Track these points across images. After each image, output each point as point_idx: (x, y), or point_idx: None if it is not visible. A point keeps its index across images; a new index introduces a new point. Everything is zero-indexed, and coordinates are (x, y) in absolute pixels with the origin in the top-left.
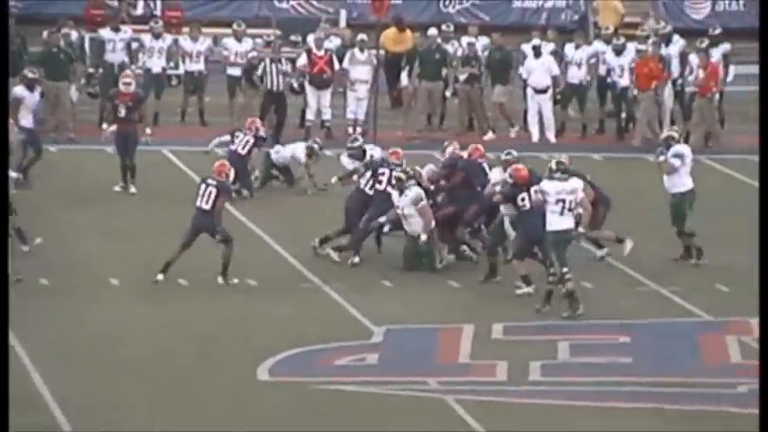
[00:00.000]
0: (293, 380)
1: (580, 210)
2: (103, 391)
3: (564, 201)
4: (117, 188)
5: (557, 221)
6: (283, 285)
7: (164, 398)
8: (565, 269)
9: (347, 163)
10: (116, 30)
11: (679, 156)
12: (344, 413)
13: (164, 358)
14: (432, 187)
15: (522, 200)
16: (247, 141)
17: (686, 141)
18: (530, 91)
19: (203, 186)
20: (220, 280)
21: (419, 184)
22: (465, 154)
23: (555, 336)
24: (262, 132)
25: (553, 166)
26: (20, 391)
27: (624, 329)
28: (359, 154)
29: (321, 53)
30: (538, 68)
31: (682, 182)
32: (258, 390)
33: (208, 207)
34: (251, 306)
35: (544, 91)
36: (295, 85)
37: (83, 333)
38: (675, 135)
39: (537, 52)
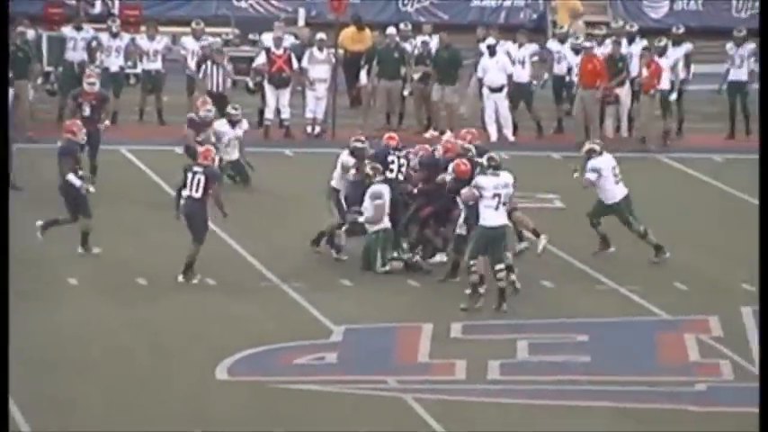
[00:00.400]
0: (252, 379)
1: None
2: (62, 391)
3: (499, 195)
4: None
5: (492, 217)
6: (242, 284)
7: (122, 397)
8: (498, 266)
9: (347, 161)
10: (78, 28)
11: (596, 170)
12: (303, 412)
13: (122, 358)
14: (414, 190)
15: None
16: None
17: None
18: (486, 90)
19: (190, 175)
20: (181, 278)
21: (387, 181)
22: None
23: (514, 335)
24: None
25: (485, 162)
26: None
27: (583, 328)
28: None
29: (280, 52)
30: (492, 67)
31: (612, 194)
32: (217, 389)
33: (198, 195)
34: (210, 305)
35: (499, 89)
36: (250, 84)
37: (41, 333)
38: (597, 148)
39: (492, 51)
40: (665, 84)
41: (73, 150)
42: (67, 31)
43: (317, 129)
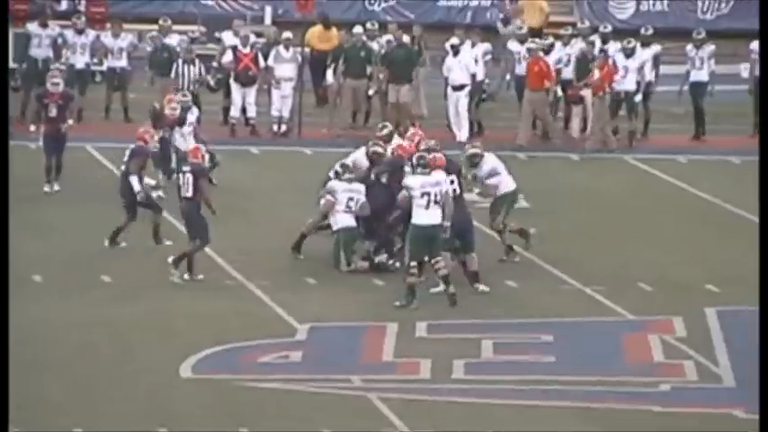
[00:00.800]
0: (217, 377)
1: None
2: (25, 390)
3: (429, 194)
4: (47, 189)
5: (422, 215)
6: (208, 282)
7: (87, 396)
8: (435, 259)
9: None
10: (44, 25)
11: (493, 174)
12: (268, 411)
13: (86, 356)
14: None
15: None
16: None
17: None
18: (449, 89)
19: (181, 176)
20: (186, 276)
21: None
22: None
23: (479, 334)
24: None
25: (414, 161)
26: None
27: (547, 328)
28: (387, 140)
29: (247, 50)
30: (455, 66)
31: (505, 185)
32: (181, 387)
33: (190, 195)
34: (175, 303)
35: (460, 88)
36: (211, 82)
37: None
38: (479, 151)
39: (455, 51)
40: (630, 85)
41: (143, 154)
42: (33, 27)
43: (283, 127)
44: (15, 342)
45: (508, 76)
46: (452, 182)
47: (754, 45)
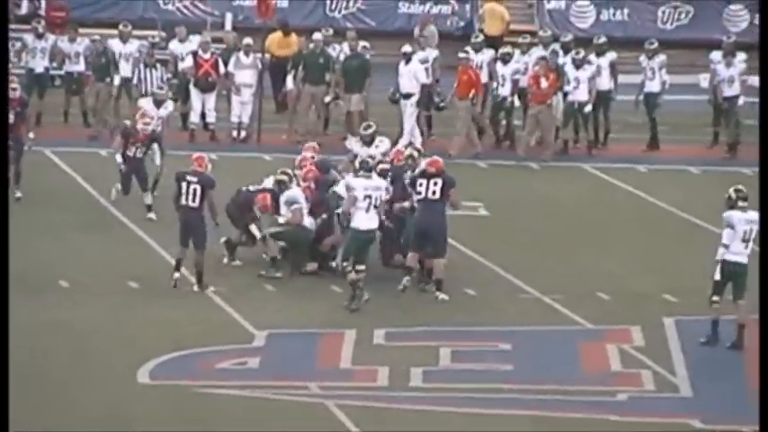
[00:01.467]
0: (174, 383)
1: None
2: None
3: (370, 197)
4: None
5: (362, 219)
6: (165, 288)
7: (41, 400)
8: (359, 267)
9: (356, 147)
10: None
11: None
12: (225, 417)
13: (41, 360)
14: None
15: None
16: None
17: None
18: (402, 97)
19: (184, 185)
20: (196, 288)
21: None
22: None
23: (436, 342)
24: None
25: (357, 164)
26: None
27: (505, 337)
28: (368, 140)
29: (207, 56)
30: (405, 74)
31: None
32: (138, 393)
33: (195, 204)
34: (132, 308)
35: (407, 96)
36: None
37: None
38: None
39: (407, 59)
40: (582, 95)
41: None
42: None
43: (243, 133)
44: None
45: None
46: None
47: (714, 55)
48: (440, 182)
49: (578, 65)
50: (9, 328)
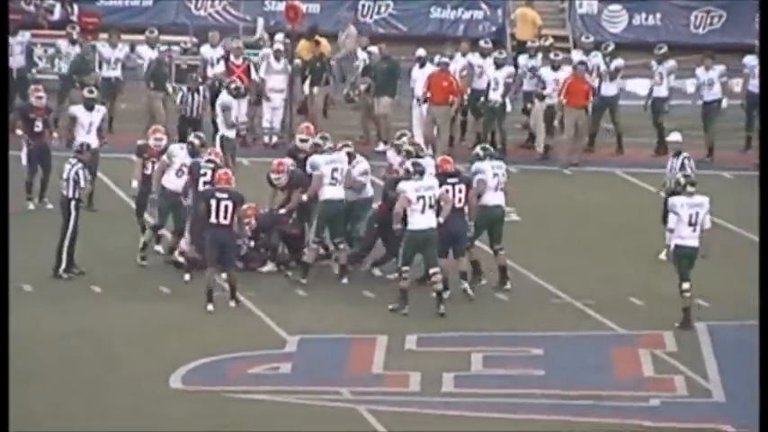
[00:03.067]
0: (206, 388)
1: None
2: (13, 400)
3: (423, 198)
4: (32, 206)
5: (417, 220)
6: (197, 293)
7: (72, 407)
8: (432, 270)
9: (393, 158)
10: (13, 34)
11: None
12: (257, 422)
13: (72, 367)
14: None
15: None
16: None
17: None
18: (414, 101)
19: (214, 202)
20: (232, 304)
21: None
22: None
23: (468, 347)
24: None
25: (410, 167)
26: None
27: (537, 342)
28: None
29: (239, 62)
30: (420, 79)
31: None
32: (170, 398)
33: (227, 222)
34: (164, 314)
35: (425, 101)
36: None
37: None
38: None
39: (422, 63)
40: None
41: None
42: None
43: (274, 138)
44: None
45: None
46: (462, 191)
47: (748, 59)
48: (464, 188)
49: (556, 67)
50: (8, 327)
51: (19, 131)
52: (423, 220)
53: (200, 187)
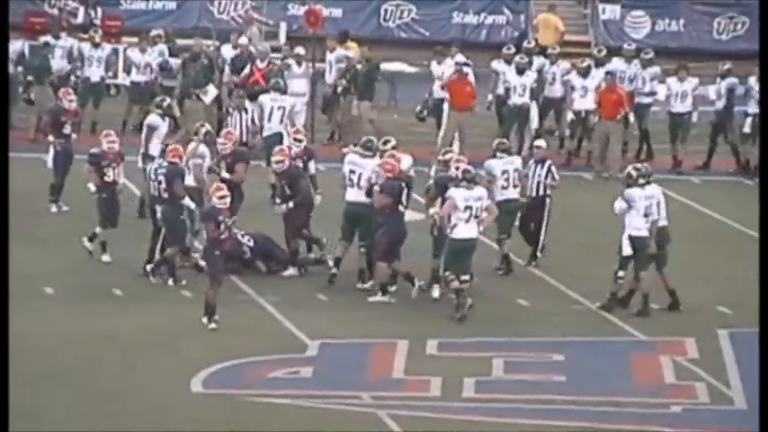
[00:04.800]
0: (226, 392)
1: (485, 214)
2: (28, 402)
3: (471, 208)
4: (54, 209)
5: (461, 230)
6: (218, 297)
7: (93, 410)
8: (463, 277)
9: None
10: (56, 37)
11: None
12: (277, 426)
13: (92, 369)
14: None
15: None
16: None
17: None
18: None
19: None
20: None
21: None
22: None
23: (489, 353)
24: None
25: (460, 174)
26: None
27: (558, 348)
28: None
29: (263, 65)
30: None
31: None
32: (191, 401)
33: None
34: (184, 318)
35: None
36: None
37: (13, 342)
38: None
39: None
40: (588, 104)
41: (181, 173)
42: (46, 39)
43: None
44: (24, 354)
45: (490, 96)
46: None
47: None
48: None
49: (584, 74)
50: (8, 327)
51: (51, 137)
52: (466, 229)
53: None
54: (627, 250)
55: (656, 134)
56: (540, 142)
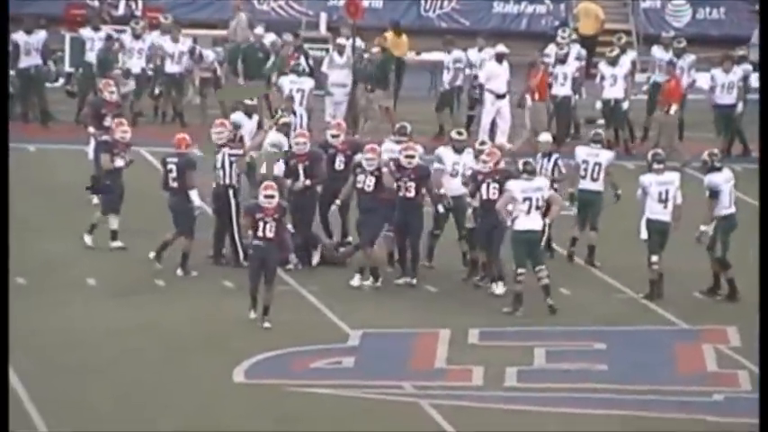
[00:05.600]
0: (269, 382)
1: (555, 207)
2: (78, 393)
3: (530, 199)
4: (96, 200)
5: (522, 221)
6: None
7: (136, 400)
8: (538, 267)
9: (446, 155)
10: (96, 29)
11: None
12: (320, 416)
13: (135, 361)
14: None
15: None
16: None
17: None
18: (490, 96)
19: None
20: (267, 325)
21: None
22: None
23: (531, 342)
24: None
25: (520, 166)
26: None
27: (600, 337)
28: (460, 147)
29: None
30: (500, 75)
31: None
32: (234, 392)
33: (272, 235)
34: (227, 308)
35: (503, 96)
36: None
37: (57, 334)
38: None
39: (499, 59)
40: (618, 92)
41: (192, 165)
42: (85, 32)
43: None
44: (67, 345)
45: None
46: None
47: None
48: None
49: (612, 62)
50: (9, 326)
51: (91, 129)
52: (527, 221)
53: None
54: (644, 234)
55: (692, 125)
56: (546, 136)
